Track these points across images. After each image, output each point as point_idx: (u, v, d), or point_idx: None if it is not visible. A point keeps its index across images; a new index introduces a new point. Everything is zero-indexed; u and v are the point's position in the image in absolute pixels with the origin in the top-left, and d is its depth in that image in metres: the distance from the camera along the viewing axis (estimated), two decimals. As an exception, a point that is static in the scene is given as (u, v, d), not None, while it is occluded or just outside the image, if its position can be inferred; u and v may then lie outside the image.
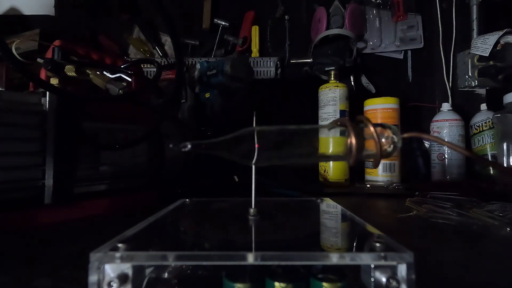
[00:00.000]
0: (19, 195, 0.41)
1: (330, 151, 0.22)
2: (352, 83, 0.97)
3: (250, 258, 0.17)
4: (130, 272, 0.18)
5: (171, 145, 0.22)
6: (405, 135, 0.22)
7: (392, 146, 0.21)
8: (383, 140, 0.21)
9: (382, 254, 0.18)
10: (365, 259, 0.18)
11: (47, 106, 0.43)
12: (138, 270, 0.19)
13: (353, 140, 0.20)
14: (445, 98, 0.95)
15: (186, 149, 0.22)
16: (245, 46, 1.00)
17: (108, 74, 0.49)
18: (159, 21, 1.03)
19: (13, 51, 0.45)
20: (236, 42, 1.00)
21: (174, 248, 0.19)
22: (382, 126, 0.21)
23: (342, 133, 0.23)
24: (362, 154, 0.21)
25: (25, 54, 0.76)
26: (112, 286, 0.17)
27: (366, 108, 0.80)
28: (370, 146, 0.21)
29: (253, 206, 0.29)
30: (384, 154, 0.21)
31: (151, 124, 0.54)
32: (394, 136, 0.21)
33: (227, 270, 0.19)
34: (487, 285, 0.24)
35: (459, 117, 0.82)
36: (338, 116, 0.77)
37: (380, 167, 0.75)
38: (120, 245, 0.18)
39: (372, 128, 0.20)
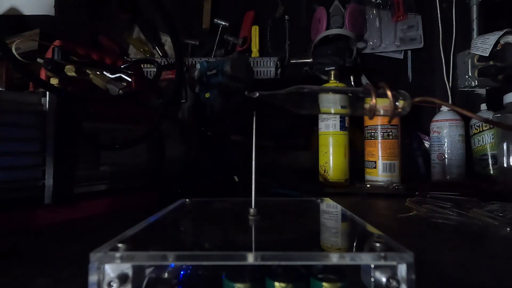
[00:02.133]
0: (19, 195, 0.41)
1: (357, 108, 0.28)
2: (352, 83, 0.97)
3: (250, 258, 0.17)
4: (130, 272, 0.18)
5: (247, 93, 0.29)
6: (416, 99, 0.28)
7: (403, 107, 0.27)
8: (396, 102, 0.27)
9: (382, 254, 0.18)
10: (365, 259, 0.18)
11: (47, 106, 0.43)
12: (138, 270, 0.19)
13: (374, 100, 0.27)
14: (445, 98, 0.95)
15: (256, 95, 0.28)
16: (245, 46, 1.00)
17: (108, 74, 0.49)
18: (159, 21, 1.03)
19: (13, 51, 0.45)
20: (236, 42, 1.00)
21: (174, 248, 0.19)
22: (397, 91, 0.27)
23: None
24: (380, 111, 0.28)
25: (25, 54, 0.77)
26: (112, 286, 0.17)
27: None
28: (387, 106, 0.27)
29: (253, 206, 0.29)
30: (396, 113, 0.27)
31: (151, 124, 0.54)
32: (406, 99, 0.27)
33: (227, 270, 0.19)
34: (487, 285, 0.24)
35: (459, 117, 0.82)
36: (338, 116, 0.77)
37: (380, 167, 0.74)
38: (120, 245, 0.18)
39: (389, 92, 0.26)
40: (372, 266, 0.18)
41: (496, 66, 0.81)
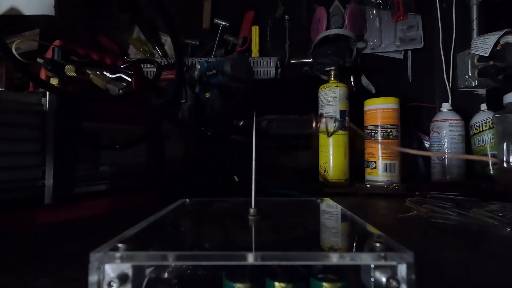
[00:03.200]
0: (19, 195, 0.41)
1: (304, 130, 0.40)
2: (352, 83, 0.97)
3: (250, 258, 0.17)
4: (130, 272, 0.18)
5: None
6: (350, 124, 0.42)
7: (334, 128, 0.40)
8: (330, 124, 0.40)
9: (382, 254, 0.18)
10: (365, 259, 0.18)
11: (47, 106, 0.43)
12: (138, 270, 0.19)
13: (314, 124, 0.39)
14: (445, 98, 0.94)
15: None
16: (245, 46, 1.00)
17: (108, 74, 0.49)
18: (159, 21, 1.03)
19: (13, 51, 0.45)
20: (236, 42, 1.00)
21: (174, 248, 0.19)
22: (330, 117, 0.40)
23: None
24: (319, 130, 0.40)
25: (25, 54, 0.77)
26: (112, 286, 0.17)
27: (366, 108, 0.80)
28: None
29: (253, 206, 0.29)
30: (330, 132, 0.40)
31: (151, 124, 0.54)
32: (335, 124, 0.40)
33: (227, 270, 0.19)
34: (487, 285, 0.24)
35: (459, 117, 0.82)
36: (338, 116, 0.77)
37: (380, 167, 0.74)
38: (120, 245, 0.18)
39: (323, 119, 0.40)
40: (372, 266, 0.18)
41: (496, 66, 0.81)
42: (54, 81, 0.47)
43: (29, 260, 0.29)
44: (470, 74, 0.90)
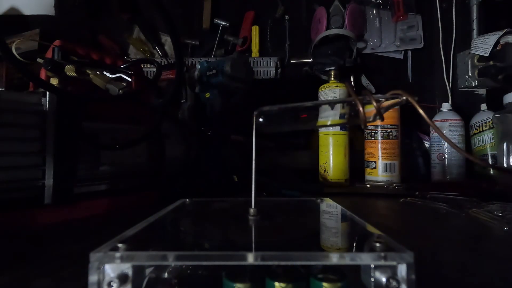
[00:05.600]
0: (19, 195, 0.41)
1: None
2: (352, 83, 0.96)
3: (250, 258, 0.17)
4: (130, 272, 0.18)
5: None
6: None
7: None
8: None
9: (382, 254, 0.18)
10: (365, 259, 0.18)
11: (47, 106, 0.43)
12: (138, 270, 0.19)
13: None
14: (445, 98, 0.94)
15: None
16: (245, 46, 1.00)
17: (108, 74, 0.49)
18: (159, 21, 1.03)
19: (13, 51, 0.45)
20: (236, 42, 1.00)
21: (174, 248, 0.19)
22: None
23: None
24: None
25: (25, 54, 0.77)
26: (112, 286, 0.17)
27: (366, 108, 0.80)
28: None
29: (253, 206, 0.29)
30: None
31: (151, 124, 0.54)
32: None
33: (227, 270, 0.19)
34: (487, 285, 0.24)
35: (459, 117, 0.82)
36: (338, 116, 0.77)
37: (380, 167, 0.74)
38: (120, 245, 0.18)
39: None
40: (372, 266, 0.18)
41: (496, 66, 0.81)
42: (54, 81, 0.47)
43: (29, 260, 0.29)
44: (470, 74, 0.90)
